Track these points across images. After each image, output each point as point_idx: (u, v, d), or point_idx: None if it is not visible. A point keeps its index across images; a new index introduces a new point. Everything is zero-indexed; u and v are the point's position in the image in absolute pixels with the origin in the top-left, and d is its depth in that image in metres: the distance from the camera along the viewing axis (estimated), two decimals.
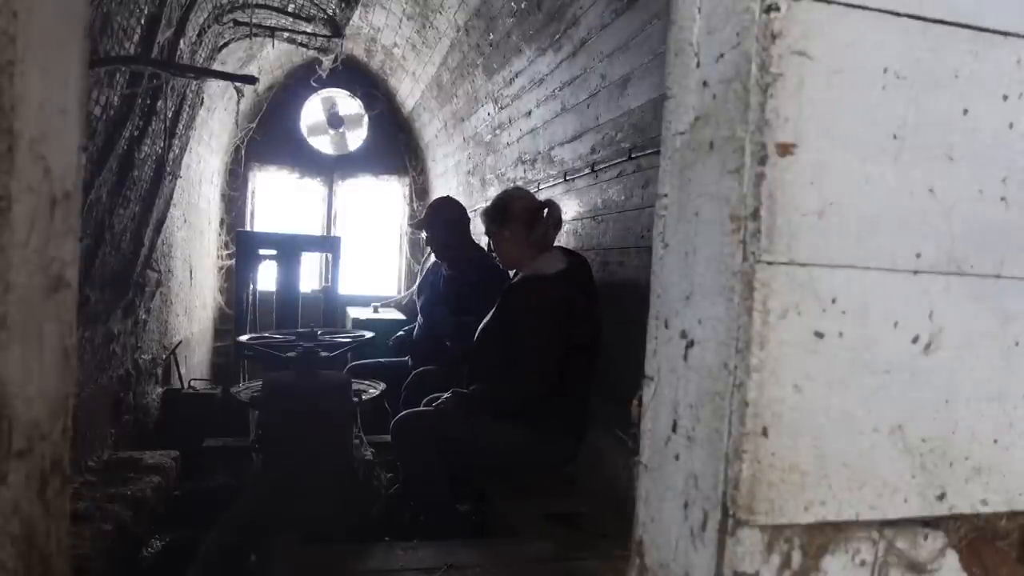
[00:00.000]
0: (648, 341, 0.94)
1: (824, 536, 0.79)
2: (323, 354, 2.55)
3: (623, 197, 2.73)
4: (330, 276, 4.56)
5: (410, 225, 6.62)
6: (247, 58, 4.84)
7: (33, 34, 0.62)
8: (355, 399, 2.56)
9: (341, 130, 6.25)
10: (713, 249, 0.81)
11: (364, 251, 6.84)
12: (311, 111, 6.36)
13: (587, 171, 3.03)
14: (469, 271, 3.63)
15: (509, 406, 2.50)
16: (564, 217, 3.30)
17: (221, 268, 6.16)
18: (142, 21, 2.44)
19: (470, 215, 3.80)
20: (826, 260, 0.76)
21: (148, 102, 2.72)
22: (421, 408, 2.58)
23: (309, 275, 5.27)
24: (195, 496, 2.98)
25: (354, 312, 5.63)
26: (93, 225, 2.46)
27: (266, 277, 4.14)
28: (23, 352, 0.63)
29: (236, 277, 4.25)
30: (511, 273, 2.93)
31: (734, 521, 0.76)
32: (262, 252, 4.06)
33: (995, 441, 0.82)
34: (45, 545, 0.69)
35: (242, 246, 4.16)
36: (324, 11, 4.02)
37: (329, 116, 6.16)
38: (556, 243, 3.43)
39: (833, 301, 0.76)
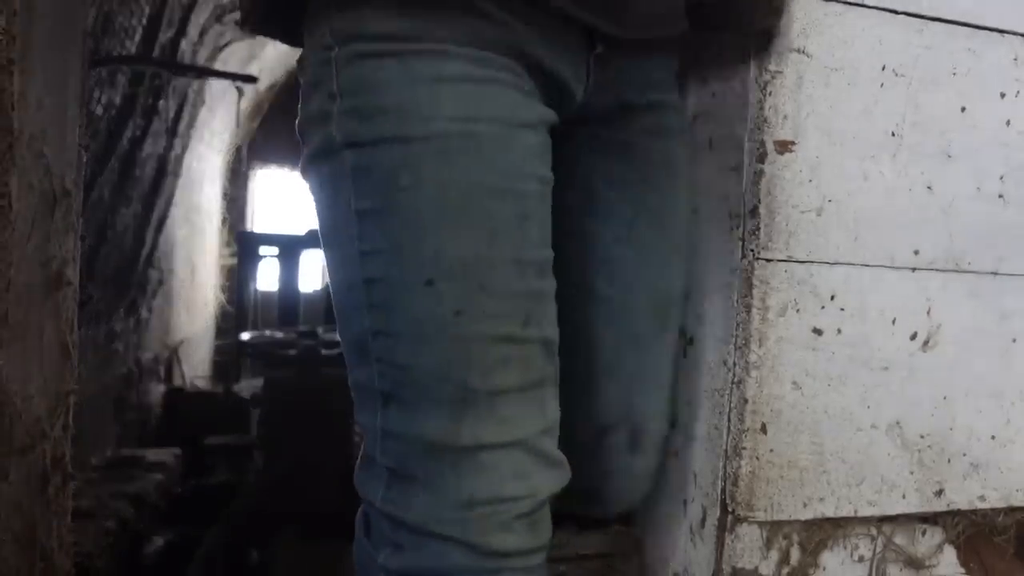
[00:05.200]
0: None
1: (823, 532, 0.79)
2: (325, 352, 2.56)
3: None
4: None
5: None
6: (248, 58, 4.84)
7: (33, 33, 0.62)
8: None
9: None
10: (712, 246, 0.81)
11: None
12: None
13: None
14: None
15: None
16: None
17: (223, 267, 6.17)
18: (143, 20, 2.44)
19: None
20: (824, 257, 0.76)
21: (150, 101, 2.72)
22: None
23: (310, 274, 5.28)
24: (197, 494, 2.98)
25: None
26: (95, 224, 2.47)
27: (268, 276, 4.15)
28: (23, 350, 0.63)
29: (238, 276, 4.25)
30: None
31: (733, 518, 0.76)
32: (263, 251, 4.07)
33: (993, 437, 0.82)
34: (47, 542, 0.70)
35: (244, 245, 4.17)
36: None
37: None
38: None
39: (832, 298, 0.76)
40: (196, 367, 4.94)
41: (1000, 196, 0.80)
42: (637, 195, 0.76)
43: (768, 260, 0.75)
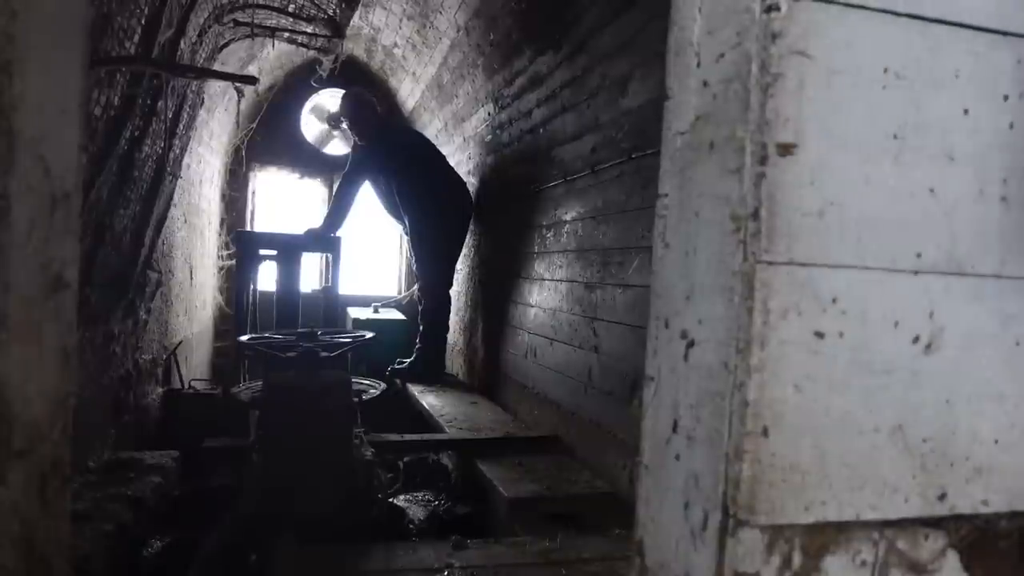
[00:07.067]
0: (648, 341, 0.94)
1: (825, 536, 0.79)
2: (323, 354, 2.55)
3: (623, 197, 2.73)
4: (330, 276, 4.57)
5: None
6: (248, 58, 4.84)
7: (33, 34, 0.62)
8: (355, 399, 2.56)
9: (344, 126, 6.26)
10: (713, 249, 0.81)
11: (364, 251, 6.85)
12: (309, 125, 6.35)
13: (587, 171, 3.03)
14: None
15: None
16: (565, 217, 3.30)
17: (221, 268, 6.16)
18: (142, 21, 2.44)
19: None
20: (826, 260, 0.76)
21: (148, 102, 2.72)
22: None
23: (309, 275, 5.28)
24: (195, 496, 2.98)
25: (354, 312, 5.64)
26: (93, 225, 2.46)
27: (266, 277, 4.15)
28: (23, 352, 0.62)
29: (236, 277, 4.25)
30: None
31: (735, 521, 0.76)
32: (262, 252, 4.07)
33: (996, 441, 0.82)
34: (45, 546, 0.69)
35: (242, 246, 4.17)
36: (324, 11, 4.02)
37: (329, 120, 6.17)
38: (557, 241, 3.45)
39: (833, 301, 0.76)
40: (195, 369, 4.94)
41: (1003, 199, 0.80)
42: None
43: (769, 263, 0.75)
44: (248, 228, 6.54)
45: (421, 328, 4.69)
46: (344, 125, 4.95)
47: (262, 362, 2.72)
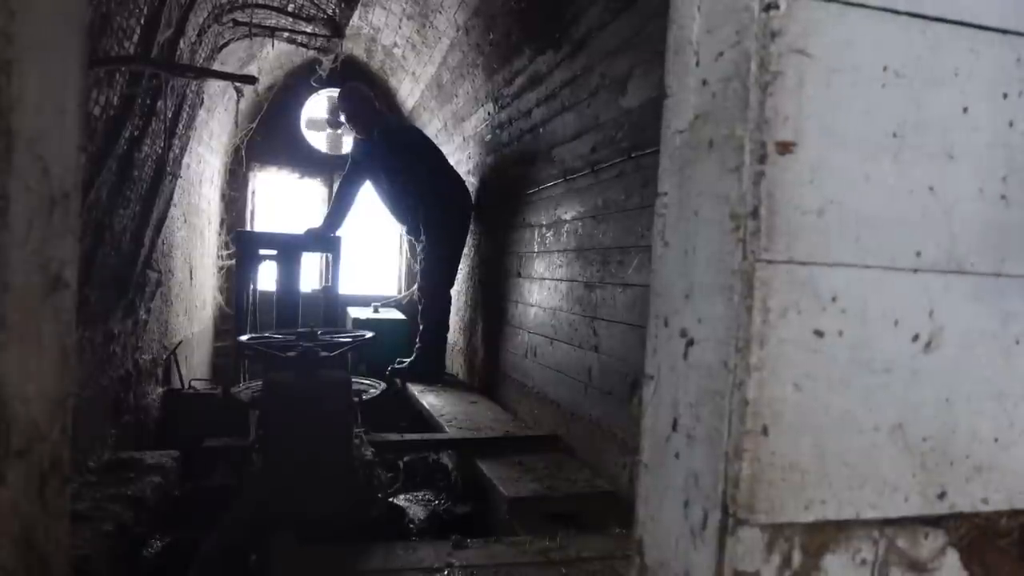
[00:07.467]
0: (648, 340, 0.94)
1: (824, 535, 0.79)
2: (323, 354, 2.55)
3: (623, 197, 2.73)
4: (330, 276, 4.57)
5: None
6: (247, 58, 4.84)
7: (31, 33, 0.62)
8: (355, 399, 2.56)
9: (340, 132, 6.27)
10: (713, 248, 0.81)
11: (364, 251, 6.85)
12: (315, 106, 6.38)
13: (587, 171, 3.03)
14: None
15: None
16: (564, 216, 3.30)
17: (221, 268, 6.16)
18: (142, 21, 2.44)
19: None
20: (826, 259, 0.76)
21: (148, 102, 2.72)
22: None
23: (309, 275, 5.28)
24: (195, 496, 2.98)
25: (354, 312, 5.64)
26: (93, 225, 2.46)
27: (266, 277, 4.15)
28: (22, 352, 0.62)
29: (236, 277, 4.25)
30: None
31: (734, 520, 0.76)
32: (262, 252, 4.07)
33: (996, 440, 0.82)
34: (44, 545, 0.69)
35: (242, 246, 4.17)
36: (324, 11, 4.02)
37: (328, 117, 6.17)
38: (557, 240, 3.44)
39: (833, 300, 0.76)
40: (195, 369, 4.93)
41: (1003, 197, 0.80)
42: None
43: (769, 262, 0.75)
44: (248, 228, 6.54)
45: (421, 328, 4.69)
46: (342, 118, 4.95)
47: (262, 362, 2.72)
